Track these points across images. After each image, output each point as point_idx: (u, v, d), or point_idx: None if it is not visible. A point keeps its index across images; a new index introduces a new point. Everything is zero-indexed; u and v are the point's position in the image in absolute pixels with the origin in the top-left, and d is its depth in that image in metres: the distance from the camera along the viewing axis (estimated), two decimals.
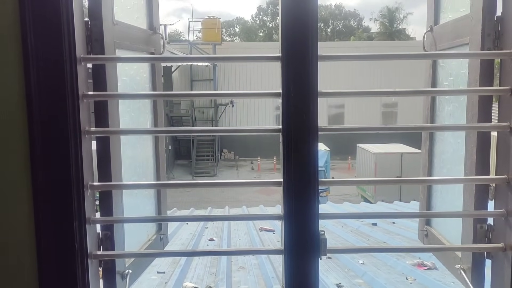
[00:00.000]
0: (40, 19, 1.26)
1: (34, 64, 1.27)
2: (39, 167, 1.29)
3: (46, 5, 1.26)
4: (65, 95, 1.29)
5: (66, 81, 1.29)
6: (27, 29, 1.26)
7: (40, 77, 1.28)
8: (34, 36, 1.26)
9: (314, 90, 1.37)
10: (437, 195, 1.93)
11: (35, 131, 1.29)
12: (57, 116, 1.29)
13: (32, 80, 1.27)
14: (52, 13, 1.27)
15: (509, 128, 1.38)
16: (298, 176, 1.39)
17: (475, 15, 1.52)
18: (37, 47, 1.27)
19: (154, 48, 1.94)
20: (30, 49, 1.26)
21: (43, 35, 1.27)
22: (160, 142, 2.01)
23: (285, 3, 1.32)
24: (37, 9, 1.26)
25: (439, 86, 1.89)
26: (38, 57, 1.27)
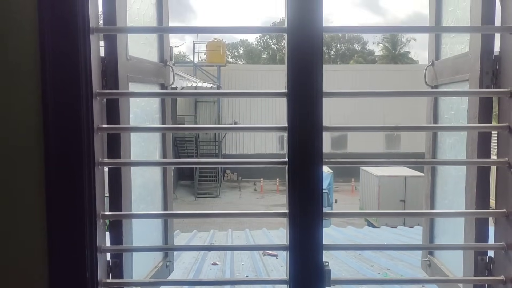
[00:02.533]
0: (60, 56, 1.33)
1: (52, 99, 1.34)
2: (54, 197, 1.35)
3: (66, 43, 1.33)
4: (81, 129, 1.35)
5: (82, 115, 1.35)
6: (46, 65, 1.33)
7: (58, 111, 1.34)
8: (53, 72, 1.33)
9: (318, 124, 1.42)
10: (439, 225, 1.96)
11: (51, 162, 1.34)
12: (72, 148, 1.35)
13: (50, 114, 1.33)
14: (71, 50, 1.33)
15: (507, 164, 1.43)
16: (303, 208, 1.43)
17: (474, 53, 1.58)
18: (56, 82, 1.33)
19: (165, 79, 2.01)
20: (49, 85, 1.33)
21: (61, 72, 1.33)
22: (168, 169, 2.07)
23: (291, 43, 1.39)
24: (57, 47, 1.33)
25: (441, 119, 1.95)
26: (56, 92, 1.33)
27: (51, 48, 1.33)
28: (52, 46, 1.33)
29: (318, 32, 1.39)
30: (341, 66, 35.54)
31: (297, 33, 1.39)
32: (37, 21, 1.32)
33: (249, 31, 1.69)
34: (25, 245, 1.36)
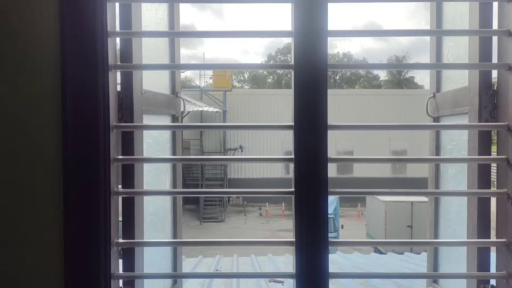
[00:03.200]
0: (80, 91, 1.41)
1: (72, 132, 1.42)
2: (72, 225, 1.41)
3: (86, 79, 1.42)
4: (98, 160, 1.43)
5: (100, 147, 1.43)
6: (67, 99, 1.41)
7: (77, 142, 1.42)
8: (74, 107, 1.41)
9: (324, 156, 1.49)
10: (443, 253, 2.00)
11: (71, 191, 1.41)
12: (90, 178, 1.42)
13: (69, 146, 1.41)
14: (91, 86, 1.42)
15: (507, 195, 1.48)
16: (309, 236, 1.49)
17: (473, 88, 1.66)
18: (76, 116, 1.41)
19: (176, 110, 2.10)
20: (69, 118, 1.41)
21: (81, 106, 1.42)
22: (177, 198, 2.13)
23: (297, 79, 1.47)
24: (78, 83, 1.42)
25: (442, 150, 2.01)
26: (76, 126, 1.42)
27: (72, 83, 1.42)
28: (73, 82, 1.42)
29: (322, 69, 1.47)
30: (346, 90, 35.82)
31: (303, 69, 1.47)
32: (60, 57, 1.41)
33: (258, 67, 1.78)
34: (42, 271, 1.42)
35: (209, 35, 1.58)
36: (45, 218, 1.42)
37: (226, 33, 1.60)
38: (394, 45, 70.01)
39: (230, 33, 1.61)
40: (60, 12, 1.40)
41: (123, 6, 1.58)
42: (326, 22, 1.47)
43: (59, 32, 1.40)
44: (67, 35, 1.41)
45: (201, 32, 1.69)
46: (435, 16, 2.04)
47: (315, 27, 1.46)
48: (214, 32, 1.67)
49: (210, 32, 1.53)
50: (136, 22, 1.63)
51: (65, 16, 1.41)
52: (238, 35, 1.56)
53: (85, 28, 1.41)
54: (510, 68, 1.48)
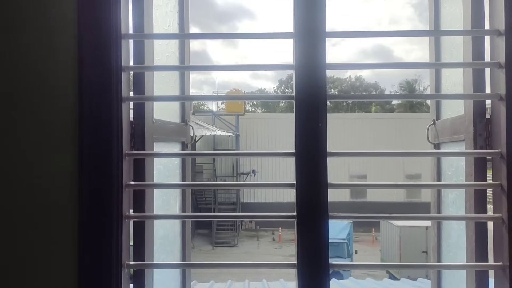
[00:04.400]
0: (96, 123, 1.52)
1: (87, 159, 1.52)
2: (85, 248, 1.50)
3: (102, 111, 1.53)
4: (112, 185, 1.52)
5: (113, 173, 1.53)
6: (83, 131, 1.52)
7: (92, 169, 1.52)
8: (90, 137, 1.52)
9: (324, 182, 1.57)
10: (445, 277, 2.04)
11: (85, 215, 1.51)
12: (103, 203, 1.51)
13: (84, 172, 1.52)
14: (106, 117, 1.53)
15: (501, 219, 1.54)
16: (310, 260, 1.55)
17: (468, 117, 1.73)
18: (92, 145, 1.52)
19: (185, 137, 2.20)
20: (85, 147, 1.52)
21: (96, 135, 1.52)
22: (186, 221, 2.21)
23: (298, 109, 1.56)
24: (94, 114, 1.53)
25: (443, 176, 2.07)
26: (92, 154, 1.52)
27: (88, 114, 1.53)
28: (90, 113, 1.53)
29: (322, 99, 1.56)
30: (359, 114, 35.88)
31: (303, 100, 1.57)
32: (77, 89, 1.53)
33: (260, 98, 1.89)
34: None
35: (214, 68, 1.69)
36: (60, 241, 1.51)
37: (230, 67, 1.70)
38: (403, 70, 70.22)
39: (234, 67, 1.71)
40: (79, 48, 1.52)
41: (137, 42, 1.70)
42: (325, 55, 1.57)
43: (77, 67, 1.52)
44: (85, 69, 1.53)
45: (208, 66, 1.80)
46: (433, 47, 2.14)
47: (314, 60, 1.56)
48: (219, 66, 1.78)
49: (216, 66, 1.63)
50: (148, 56, 1.75)
51: (83, 52, 1.53)
52: (242, 68, 1.66)
53: (102, 64, 1.53)
54: (501, 98, 1.55)
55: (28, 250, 1.52)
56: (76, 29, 1.53)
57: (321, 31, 1.57)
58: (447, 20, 2.03)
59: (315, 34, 1.57)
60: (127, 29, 1.63)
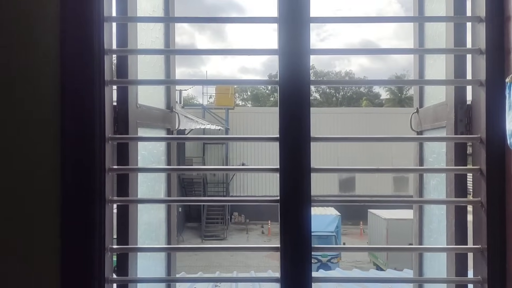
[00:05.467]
0: (78, 106, 1.51)
1: (70, 142, 1.51)
2: (68, 232, 1.50)
3: (84, 94, 1.52)
4: (94, 169, 1.52)
5: (96, 157, 1.53)
6: (66, 113, 1.52)
7: (74, 152, 1.51)
8: (72, 120, 1.51)
9: (307, 167, 1.58)
10: (426, 263, 2.07)
11: (67, 198, 1.51)
12: (86, 187, 1.51)
13: (67, 156, 1.51)
14: (88, 100, 1.52)
15: (480, 203, 1.56)
16: (293, 243, 1.57)
17: (449, 103, 1.75)
18: (74, 128, 1.51)
19: (171, 124, 2.20)
20: (68, 131, 1.51)
21: (79, 119, 1.52)
22: (172, 208, 2.22)
23: (282, 94, 1.57)
24: (75, 97, 1.52)
25: (425, 162, 2.09)
26: (74, 137, 1.51)
27: (70, 97, 1.52)
28: (71, 96, 1.52)
29: (305, 84, 1.57)
30: (348, 109, 36.07)
31: (287, 85, 1.57)
32: (59, 73, 1.52)
33: (246, 83, 1.89)
34: (38, 275, 1.50)
35: (199, 52, 1.69)
36: (42, 224, 1.51)
37: (215, 51, 1.71)
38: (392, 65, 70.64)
39: (220, 51, 1.72)
40: (61, 31, 1.51)
41: (120, 26, 1.69)
42: (309, 41, 1.58)
43: (59, 49, 1.51)
44: (67, 52, 1.52)
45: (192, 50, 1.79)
46: (417, 36, 2.15)
47: (298, 45, 1.57)
48: (205, 50, 1.78)
49: (200, 50, 1.64)
50: (132, 40, 1.74)
51: (65, 34, 1.52)
52: (228, 52, 1.67)
53: (84, 46, 1.52)
54: (482, 84, 1.57)
55: (10, 234, 1.51)
56: (58, 11, 1.51)
57: (305, 16, 1.57)
58: (430, 14, 2.05)
59: (299, 19, 1.57)
60: (110, 12, 1.62)
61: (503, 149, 1.50)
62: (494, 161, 1.52)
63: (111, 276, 1.60)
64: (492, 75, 1.53)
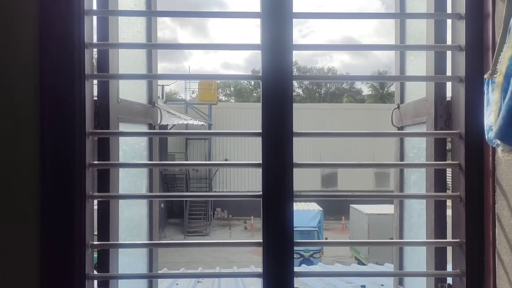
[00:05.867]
0: (57, 100, 1.49)
1: (49, 137, 1.49)
2: (48, 228, 1.48)
3: (63, 88, 1.49)
4: (74, 165, 1.50)
5: (76, 152, 1.50)
6: (45, 107, 1.49)
7: (54, 147, 1.49)
8: (51, 114, 1.49)
9: (289, 161, 1.58)
10: (407, 257, 2.10)
11: (47, 194, 1.48)
12: (66, 182, 1.49)
13: (47, 151, 1.48)
14: (68, 95, 1.50)
15: (459, 198, 1.59)
16: (275, 237, 1.57)
17: (430, 99, 1.78)
18: (53, 123, 1.49)
19: (153, 119, 2.17)
20: (47, 125, 1.48)
21: (58, 113, 1.49)
22: (154, 203, 2.20)
23: (265, 89, 1.57)
24: (55, 91, 1.49)
25: (406, 157, 2.12)
26: (53, 132, 1.49)
27: (50, 92, 1.49)
28: (51, 90, 1.49)
29: (288, 80, 1.57)
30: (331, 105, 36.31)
31: (270, 80, 1.57)
32: (38, 67, 1.49)
33: (229, 78, 1.88)
34: (18, 271, 1.48)
35: (182, 47, 1.67)
36: (22, 220, 1.48)
37: (198, 45, 1.69)
38: (373, 61, 71.21)
39: (202, 46, 1.71)
40: (40, 24, 1.48)
41: (101, 19, 1.66)
42: (291, 36, 1.58)
43: (38, 43, 1.48)
44: (46, 46, 1.49)
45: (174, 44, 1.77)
46: (399, 33, 2.18)
47: (281, 40, 1.57)
48: (187, 44, 1.77)
49: (182, 45, 1.62)
50: (113, 34, 1.71)
51: (44, 28, 1.49)
52: (210, 47, 1.65)
53: (63, 39, 1.49)
54: (461, 80, 1.60)
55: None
56: (37, 4, 1.48)
57: (288, 12, 1.57)
58: (412, 11, 2.07)
59: (282, 14, 1.57)
60: (91, 6, 1.60)
61: (482, 145, 1.52)
62: (472, 156, 1.55)
63: (92, 272, 1.59)
64: (471, 72, 1.55)
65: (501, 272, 1.42)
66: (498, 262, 1.43)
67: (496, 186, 1.44)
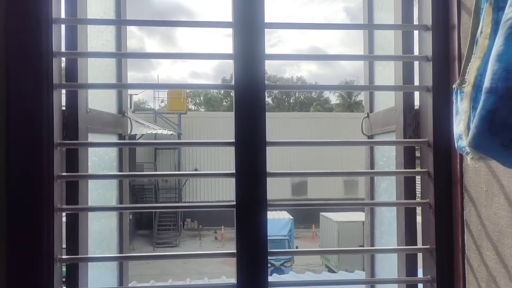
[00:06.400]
0: (24, 110, 1.44)
1: (15, 148, 1.44)
2: (14, 242, 1.42)
3: (30, 98, 1.45)
4: (42, 176, 1.45)
5: (43, 164, 1.46)
6: (11, 118, 1.44)
7: (21, 160, 1.44)
8: (18, 125, 1.44)
9: (263, 170, 1.58)
10: (378, 264, 2.13)
11: (14, 207, 1.43)
12: (33, 195, 1.44)
13: (13, 161, 1.43)
14: (35, 105, 1.45)
15: (429, 204, 1.62)
16: (249, 248, 1.56)
17: (398, 108, 1.82)
18: (20, 134, 1.44)
19: (123, 129, 2.14)
20: (13, 136, 1.43)
21: (25, 124, 1.45)
22: (124, 215, 2.15)
23: (238, 98, 1.57)
24: (22, 102, 1.45)
25: (376, 165, 2.16)
26: (20, 143, 1.44)
27: (16, 102, 1.45)
28: (17, 100, 1.44)
29: (260, 89, 1.58)
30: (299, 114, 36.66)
31: (242, 90, 1.57)
32: (5, 76, 1.44)
33: (201, 87, 1.87)
34: None
35: (152, 56, 1.65)
36: None
37: (170, 55, 1.68)
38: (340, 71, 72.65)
39: (174, 55, 1.69)
40: (6, 32, 1.44)
41: (69, 28, 1.63)
42: (263, 46, 1.59)
43: (5, 52, 1.44)
44: (12, 55, 1.45)
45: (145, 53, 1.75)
46: (367, 43, 2.22)
47: (253, 50, 1.57)
48: (158, 53, 1.74)
49: (154, 54, 1.61)
50: (82, 43, 1.68)
51: (11, 37, 1.44)
52: (181, 56, 1.64)
53: (30, 48, 1.45)
54: (429, 90, 1.64)
55: None
56: (3, 11, 1.44)
57: (260, 21, 1.58)
58: (379, 22, 2.13)
59: (254, 24, 1.58)
60: (59, 14, 1.56)
61: (450, 152, 1.56)
62: (441, 164, 1.59)
63: (61, 287, 1.53)
64: (439, 82, 1.59)
65: (470, 277, 1.45)
66: (468, 267, 1.46)
67: (464, 193, 1.48)
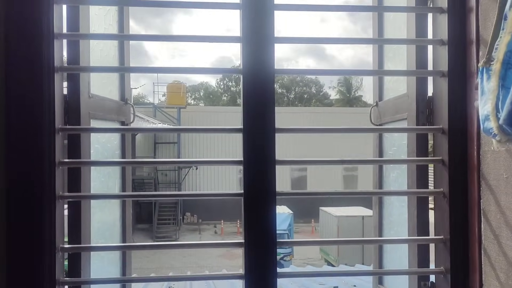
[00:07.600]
0: (25, 94, 1.39)
1: (16, 133, 1.38)
2: (16, 230, 1.37)
3: (31, 82, 1.39)
4: (43, 163, 1.40)
5: (45, 149, 1.40)
6: (11, 102, 1.38)
7: (21, 144, 1.39)
8: (18, 109, 1.38)
9: (272, 159, 1.53)
10: (386, 256, 2.08)
11: (14, 195, 1.37)
12: (34, 182, 1.39)
13: (13, 149, 1.38)
14: (36, 89, 1.40)
15: (442, 194, 1.57)
16: (258, 238, 1.51)
17: (411, 95, 1.76)
18: (20, 119, 1.38)
19: (125, 117, 2.08)
20: (13, 121, 1.38)
21: (26, 108, 1.39)
22: (127, 205, 2.10)
23: (246, 83, 1.51)
24: (22, 85, 1.39)
25: (385, 155, 2.10)
26: (20, 128, 1.38)
27: (16, 85, 1.39)
28: (17, 83, 1.39)
29: (270, 73, 1.52)
30: (300, 108, 36.59)
31: (251, 74, 1.52)
32: (4, 59, 1.38)
33: (207, 72, 1.82)
34: None
35: (157, 38, 1.59)
36: None
37: (174, 37, 1.62)
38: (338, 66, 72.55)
39: (179, 37, 1.63)
40: (6, 13, 1.38)
41: (71, 9, 1.57)
42: (273, 28, 1.53)
43: (4, 33, 1.38)
44: (12, 37, 1.39)
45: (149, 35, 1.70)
46: (377, 29, 2.16)
47: (262, 33, 1.51)
48: (163, 36, 1.69)
49: (159, 36, 1.55)
50: (84, 26, 1.62)
51: (10, 17, 1.38)
52: (187, 39, 1.58)
53: (31, 29, 1.40)
54: (443, 75, 1.58)
55: None
56: None
57: (269, 3, 1.52)
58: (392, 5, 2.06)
59: (263, 6, 1.52)
60: None
61: (466, 140, 1.51)
62: (456, 152, 1.53)
63: (63, 277, 1.48)
64: (454, 66, 1.53)
65: (487, 268, 1.40)
66: (485, 258, 1.41)
67: (481, 181, 1.43)
